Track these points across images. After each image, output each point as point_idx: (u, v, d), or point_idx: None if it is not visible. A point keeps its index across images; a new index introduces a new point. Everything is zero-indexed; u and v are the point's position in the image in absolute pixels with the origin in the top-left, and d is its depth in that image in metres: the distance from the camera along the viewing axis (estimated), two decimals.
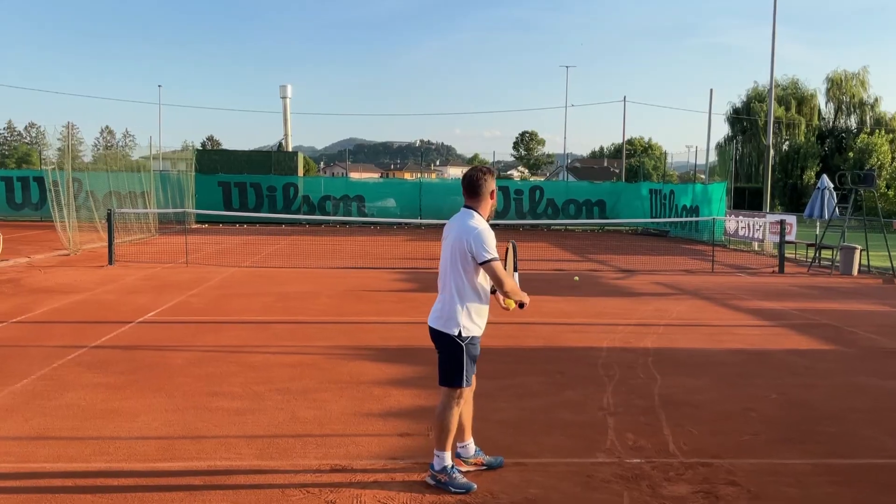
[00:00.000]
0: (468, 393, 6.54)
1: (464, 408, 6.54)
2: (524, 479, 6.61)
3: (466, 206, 6.38)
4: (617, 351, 11.68)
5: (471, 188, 6.35)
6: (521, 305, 6.38)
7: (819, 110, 75.84)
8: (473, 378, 6.51)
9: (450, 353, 6.30)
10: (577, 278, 16.58)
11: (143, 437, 7.47)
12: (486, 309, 6.40)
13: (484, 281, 6.32)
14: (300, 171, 50.70)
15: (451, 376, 6.32)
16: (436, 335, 6.37)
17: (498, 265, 6.13)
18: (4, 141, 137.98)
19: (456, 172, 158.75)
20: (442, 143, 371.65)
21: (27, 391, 8.99)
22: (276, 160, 50.03)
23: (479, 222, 6.24)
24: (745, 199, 56.29)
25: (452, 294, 6.28)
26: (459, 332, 6.24)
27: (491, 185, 6.37)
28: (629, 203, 45.07)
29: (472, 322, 6.29)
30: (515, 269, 6.73)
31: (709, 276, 21.99)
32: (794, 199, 67.84)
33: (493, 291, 6.45)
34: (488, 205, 6.37)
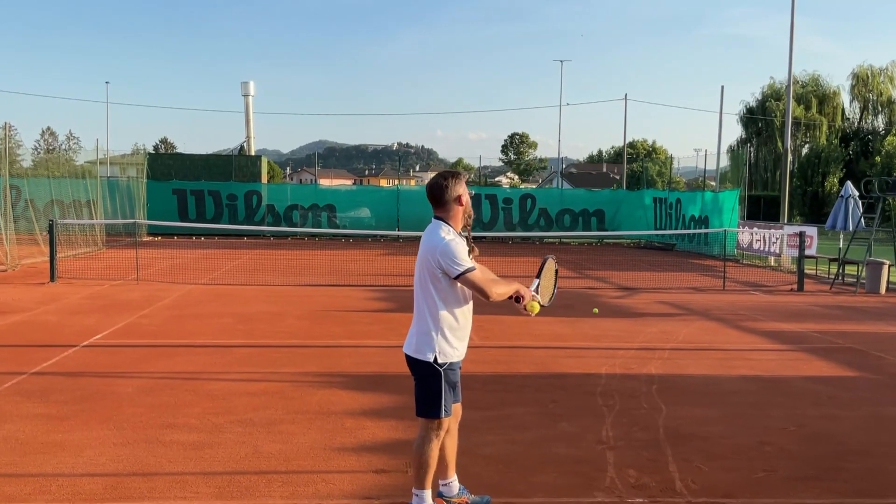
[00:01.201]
0: (453, 424, 6.54)
1: (447, 441, 6.53)
2: None
3: (436, 217, 6.40)
4: (617, 378, 11.70)
5: (433, 197, 6.35)
6: (518, 300, 6.44)
7: (843, 110, 75.97)
8: (458, 408, 6.52)
9: (426, 382, 6.29)
10: (596, 310, 16.60)
11: (89, 474, 7.44)
12: (465, 331, 6.39)
13: (461, 299, 6.32)
14: (264, 178, 50.70)
15: (428, 406, 6.31)
16: (411, 362, 6.36)
17: (474, 275, 6.11)
18: None
19: None
20: (422, 147, 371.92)
21: None
22: (238, 165, 50.01)
23: (447, 233, 6.21)
24: (761, 209, 56.56)
25: (425, 316, 6.27)
26: (435, 358, 6.23)
27: (456, 190, 6.33)
28: (631, 213, 45.19)
29: (450, 346, 6.27)
30: (553, 289, 6.83)
31: (719, 295, 22.06)
32: (814, 208, 67.91)
33: (516, 300, 6.48)
34: (458, 212, 6.34)
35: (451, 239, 6.16)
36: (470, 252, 6.34)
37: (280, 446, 8.29)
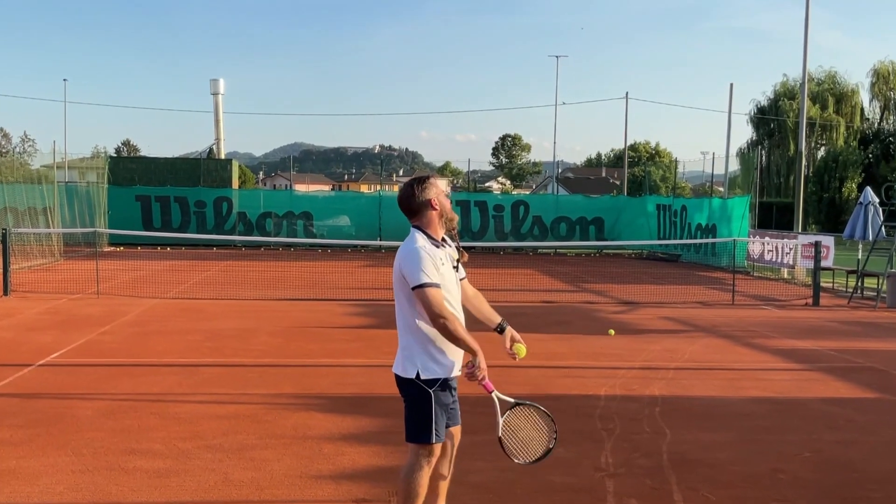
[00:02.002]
0: (450, 450, 6.52)
1: (441, 466, 6.50)
2: None
3: (412, 226, 6.41)
4: (617, 400, 11.72)
5: (403, 206, 6.38)
6: (472, 371, 6.17)
7: (862, 109, 76.22)
8: (457, 431, 6.51)
9: (414, 403, 6.26)
10: (612, 332, 16.57)
11: None
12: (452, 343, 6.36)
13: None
14: (235, 183, 50.64)
15: (417, 430, 6.27)
16: (398, 382, 6.34)
17: (434, 293, 6.03)
18: None
19: None
20: (406, 149, 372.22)
21: None
22: (206, 169, 49.95)
23: (418, 241, 6.21)
24: (773, 217, 56.68)
25: (406, 331, 6.26)
26: (418, 374, 6.20)
27: (425, 194, 6.32)
28: (632, 221, 45.28)
29: (433, 360, 6.21)
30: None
31: (728, 310, 22.11)
32: (831, 216, 67.85)
33: (470, 370, 6.35)
34: (433, 218, 6.33)
35: (421, 247, 6.14)
36: (459, 258, 6.37)
37: (252, 474, 8.29)
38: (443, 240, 6.33)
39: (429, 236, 6.27)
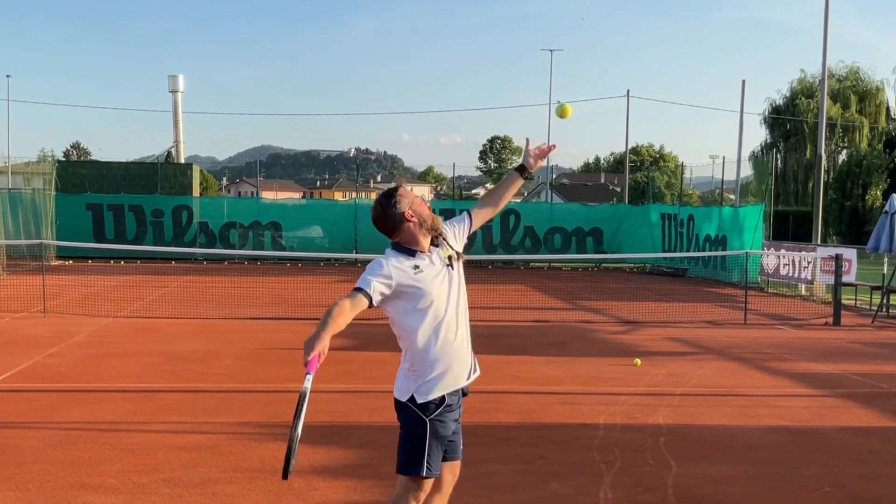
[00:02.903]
0: (446, 486, 6.51)
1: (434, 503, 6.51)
2: None
3: (392, 243, 6.43)
4: (618, 429, 11.73)
5: (377, 227, 6.47)
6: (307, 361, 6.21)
7: (887, 108, 76.21)
8: (455, 466, 6.51)
9: (408, 430, 6.28)
10: (637, 361, 16.56)
11: None
12: (448, 359, 6.30)
13: (427, 321, 6.24)
14: (196, 190, 50.53)
15: (408, 461, 6.26)
16: (395, 406, 6.40)
17: (356, 297, 6.07)
18: None
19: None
20: (384, 153, 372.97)
21: None
22: (164, 175, 49.84)
23: (388, 256, 6.28)
24: (789, 227, 56.75)
25: (401, 350, 6.35)
26: (413, 398, 6.23)
27: (398, 208, 6.30)
28: (634, 232, 45.31)
29: (426, 381, 6.22)
30: None
31: (740, 330, 22.14)
32: (853, 226, 67.59)
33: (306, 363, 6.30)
34: (410, 230, 6.32)
35: (384, 257, 6.25)
36: (456, 258, 6.45)
37: None
38: (429, 250, 6.35)
39: (408, 252, 6.29)
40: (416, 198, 6.44)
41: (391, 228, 6.34)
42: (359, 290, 6.05)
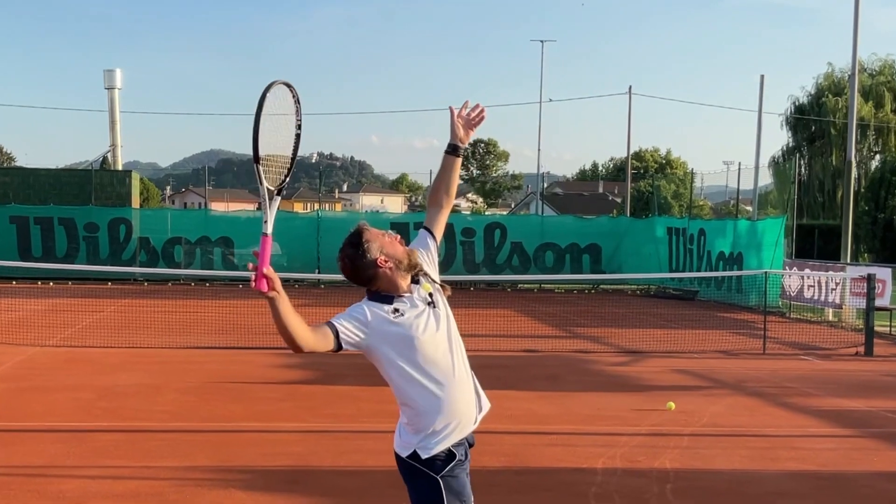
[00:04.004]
0: None
1: None
2: None
3: (369, 293, 6.42)
4: (618, 474, 11.75)
5: (352, 281, 6.42)
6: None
7: None
8: None
9: (417, 490, 6.26)
10: (671, 405, 16.49)
11: None
12: (453, 407, 6.25)
13: (422, 366, 6.19)
14: (135, 201, 50.46)
15: None
16: (398, 467, 6.37)
17: (322, 329, 6.06)
18: None
19: (374, 202, 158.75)
20: (351, 159, 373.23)
21: None
22: (100, 184, 49.70)
23: (365, 302, 6.29)
24: (815, 243, 56.70)
25: (397, 400, 6.32)
26: (416, 453, 6.20)
27: (369, 256, 6.21)
28: (637, 249, 45.40)
29: (427, 433, 6.19)
30: None
31: (759, 361, 22.19)
32: (888, 242, 66.81)
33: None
34: (388, 276, 6.29)
35: (362, 303, 6.25)
36: (440, 292, 6.42)
37: None
38: (408, 290, 6.33)
39: (386, 299, 6.27)
40: (384, 236, 6.35)
41: (366, 279, 6.28)
42: (327, 323, 6.05)
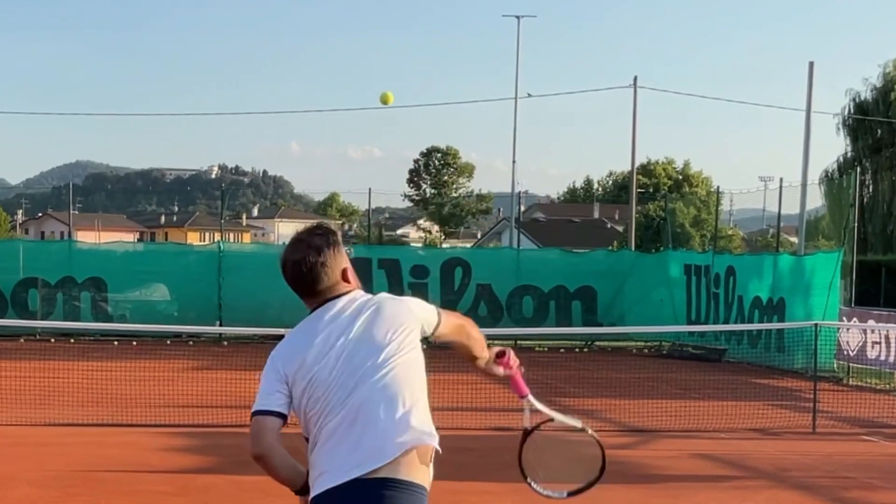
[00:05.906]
0: None
1: None
2: None
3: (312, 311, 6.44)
4: None
5: (304, 282, 6.52)
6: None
7: None
8: None
9: None
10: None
11: None
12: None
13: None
14: None
15: None
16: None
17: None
18: None
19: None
20: (264, 173, 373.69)
21: None
22: None
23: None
24: (881, 286, 56.62)
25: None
26: None
27: (340, 259, 6.49)
28: (644, 293, 45.53)
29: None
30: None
31: (807, 442, 22.25)
32: None
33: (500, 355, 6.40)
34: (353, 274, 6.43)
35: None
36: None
37: None
38: None
39: None
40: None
41: (325, 286, 6.46)
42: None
